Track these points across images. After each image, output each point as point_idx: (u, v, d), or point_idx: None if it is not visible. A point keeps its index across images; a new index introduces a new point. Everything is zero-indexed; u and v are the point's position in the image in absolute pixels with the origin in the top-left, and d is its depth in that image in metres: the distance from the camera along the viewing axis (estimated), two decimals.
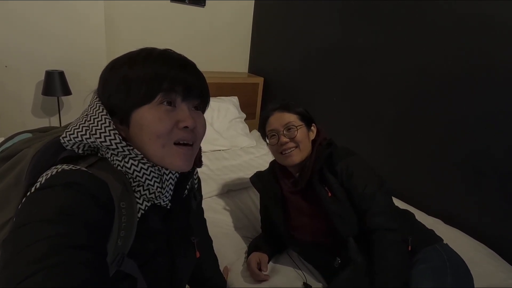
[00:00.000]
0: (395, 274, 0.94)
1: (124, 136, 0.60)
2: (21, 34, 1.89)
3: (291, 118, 1.18)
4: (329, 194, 1.08)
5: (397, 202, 1.67)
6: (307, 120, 1.22)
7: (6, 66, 1.92)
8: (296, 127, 1.16)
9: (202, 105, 0.68)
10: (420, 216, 1.57)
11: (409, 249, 1.01)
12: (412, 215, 1.23)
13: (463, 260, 1.07)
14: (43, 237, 0.42)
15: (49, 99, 2.06)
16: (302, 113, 1.21)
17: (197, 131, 0.64)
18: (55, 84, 1.92)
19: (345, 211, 1.06)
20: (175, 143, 0.60)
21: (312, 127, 1.24)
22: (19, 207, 0.50)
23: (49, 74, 1.91)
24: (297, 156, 1.15)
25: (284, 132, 1.16)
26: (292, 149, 1.15)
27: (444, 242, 1.12)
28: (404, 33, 1.75)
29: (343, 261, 1.07)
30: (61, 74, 1.94)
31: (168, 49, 0.64)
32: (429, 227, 1.20)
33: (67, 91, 1.98)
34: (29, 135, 0.69)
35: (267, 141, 1.23)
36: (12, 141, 0.68)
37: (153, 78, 0.58)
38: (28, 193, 0.51)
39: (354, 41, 2.03)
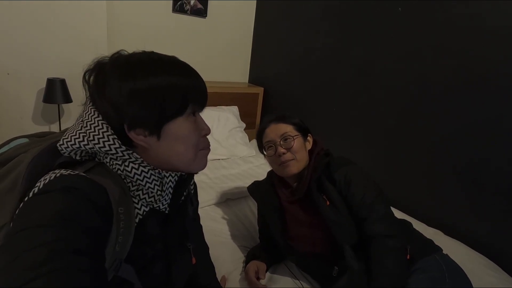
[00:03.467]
0: (392, 281, 0.93)
1: (127, 141, 0.59)
2: (24, 42, 1.91)
3: (287, 128, 1.19)
4: (327, 203, 1.08)
5: (396, 213, 1.66)
6: (303, 131, 1.23)
7: (8, 74, 1.93)
8: (293, 137, 1.17)
9: None
10: (420, 228, 1.56)
11: (408, 257, 1.00)
12: (410, 224, 1.23)
13: (463, 271, 1.06)
14: (41, 243, 0.42)
15: (49, 106, 2.07)
16: (298, 124, 1.22)
17: None
18: (56, 92, 1.93)
19: (343, 219, 1.06)
20: (201, 149, 0.66)
21: (308, 138, 1.25)
22: (17, 212, 0.50)
23: (51, 82, 1.92)
24: (294, 167, 1.15)
25: (281, 142, 1.17)
26: (290, 160, 1.15)
27: (444, 252, 1.12)
28: (402, 43, 1.77)
29: (341, 270, 1.06)
30: (63, 81, 1.96)
31: (174, 56, 0.64)
32: (429, 238, 1.19)
33: (68, 99, 1.99)
34: (26, 140, 0.69)
35: (265, 152, 1.24)
36: (8, 146, 0.68)
37: (181, 90, 0.60)
38: (26, 198, 0.50)
39: (353, 51, 2.05)
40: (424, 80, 1.68)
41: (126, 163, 0.59)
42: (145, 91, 0.57)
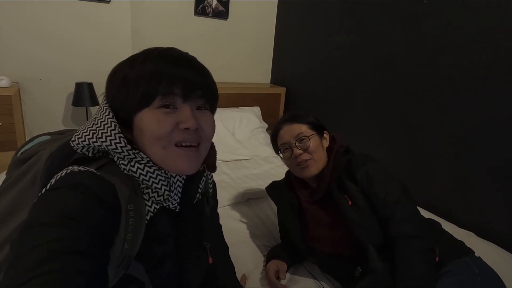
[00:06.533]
0: (420, 284, 0.87)
1: (130, 139, 0.59)
2: (54, 49, 2.01)
3: (302, 128, 1.15)
4: (350, 203, 1.04)
5: (424, 213, 1.58)
6: (319, 128, 1.18)
7: (40, 79, 2.03)
8: (308, 137, 1.13)
9: (210, 104, 0.65)
10: (451, 229, 1.48)
11: (437, 260, 0.94)
12: (439, 224, 1.16)
13: (498, 276, 0.98)
14: (42, 242, 0.42)
15: (78, 109, 2.16)
16: (312, 122, 1.18)
17: (203, 131, 0.61)
18: (84, 95, 2.01)
19: (366, 219, 1.01)
20: (176, 145, 0.58)
21: (325, 135, 1.21)
22: (31, 207, 0.50)
23: (79, 86, 2.00)
24: (313, 167, 1.12)
25: (297, 144, 1.13)
26: (307, 161, 1.12)
27: (477, 255, 1.05)
28: (425, 37, 1.70)
29: (364, 270, 1.02)
30: (90, 85, 2.03)
31: (171, 48, 0.63)
32: (459, 240, 1.12)
33: (95, 102, 2.06)
34: (48, 137, 0.71)
35: (281, 155, 1.21)
36: (32, 143, 0.69)
37: (150, 80, 0.57)
38: (39, 194, 0.51)
39: (375, 47, 2.00)
40: (452, 72, 1.60)
41: (132, 163, 0.58)
42: (116, 82, 0.60)
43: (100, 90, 2.11)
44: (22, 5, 1.87)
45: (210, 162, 0.73)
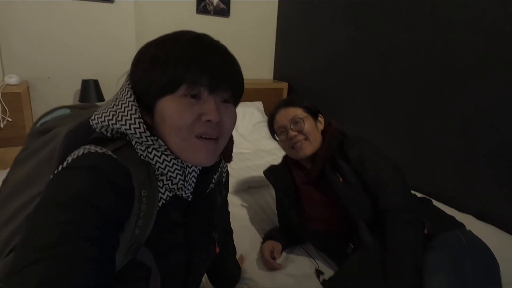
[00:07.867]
0: (408, 254, 0.89)
1: (150, 125, 0.58)
2: (61, 49, 2.10)
3: (297, 111, 1.19)
4: (341, 180, 1.07)
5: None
6: (313, 112, 1.22)
7: (49, 77, 2.11)
8: (302, 119, 1.17)
9: (234, 97, 0.63)
10: (450, 213, 1.48)
11: (426, 233, 0.96)
12: (430, 201, 1.18)
13: (488, 248, 0.99)
14: (54, 223, 0.42)
15: None
16: (307, 106, 1.22)
17: (223, 125, 0.60)
18: (90, 92, 2.08)
19: (357, 195, 1.04)
20: (196, 136, 0.57)
21: (319, 118, 1.24)
22: (46, 184, 0.50)
23: (85, 82, 2.07)
24: (308, 148, 1.15)
25: (292, 126, 1.17)
26: (302, 141, 1.15)
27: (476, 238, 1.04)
28: (425, 29, 1.72)
29: (356, 247, 1.04)
30: (96, 82, 2.10)
31: (204, 34, 0.61)
32: (451, 215, 1.13)
33: (101, 98, 2.13)
34: (68, 111, 0.69)
35: (277, 138, 1.25)
36: (51, 115, 0.68)
37: (177, 66, 0.55)
38: (56, 171, 0.51)
39: (376, 42, 2.02)
40: (451, 59, 1.61)
41: (150, 149, 0.57)
42: (143, 62, 0.58)
43: (105, 87, 2.18)
44: (30, 7, 1.95)
45: (227, 152, 0.72)
